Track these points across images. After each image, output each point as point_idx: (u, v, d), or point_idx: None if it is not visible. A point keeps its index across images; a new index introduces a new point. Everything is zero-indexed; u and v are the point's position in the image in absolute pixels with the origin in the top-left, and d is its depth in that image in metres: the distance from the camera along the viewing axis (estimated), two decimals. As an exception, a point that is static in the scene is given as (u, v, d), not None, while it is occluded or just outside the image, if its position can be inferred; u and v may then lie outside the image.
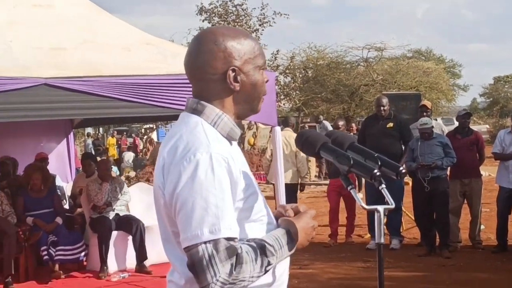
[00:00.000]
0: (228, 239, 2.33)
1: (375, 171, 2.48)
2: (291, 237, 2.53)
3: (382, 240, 2.52)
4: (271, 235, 2.50)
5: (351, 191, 2.56)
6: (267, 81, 2.67)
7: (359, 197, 2.66)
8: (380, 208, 2.50)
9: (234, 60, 2.54)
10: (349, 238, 11.91)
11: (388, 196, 2.50)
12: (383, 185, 2.50)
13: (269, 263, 2.42)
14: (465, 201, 11.01)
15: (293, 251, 2.54)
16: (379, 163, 2.57)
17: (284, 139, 11.23)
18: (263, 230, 2.56)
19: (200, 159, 2.36)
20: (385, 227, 11.41)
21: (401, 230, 11.64)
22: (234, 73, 2.54)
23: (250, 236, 2.50)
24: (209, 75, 2.55)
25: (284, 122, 13.10)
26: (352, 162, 2.51)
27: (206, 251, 2.30)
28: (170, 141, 2.51)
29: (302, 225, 2.58)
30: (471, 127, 11.39)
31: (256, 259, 2.38)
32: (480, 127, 38.46)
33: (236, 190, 2.45)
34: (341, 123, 12.61)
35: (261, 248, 2.41)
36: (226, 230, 2.33)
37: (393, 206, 2.53)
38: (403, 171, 2.60)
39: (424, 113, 11.28)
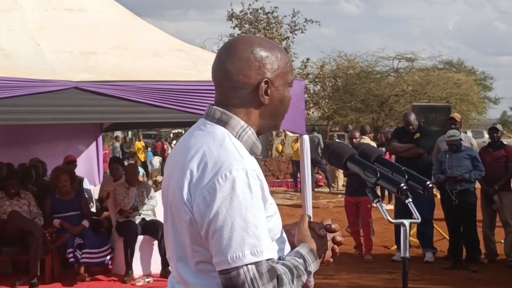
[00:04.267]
0: (269, 260, 2.26)
1: (402, 184, 2.46)
2: (315, 254, 2.47)
3: (407, 254, 2.49)
4: (298, 253, 2.44)
5: (377, 204, 2.54)
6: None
7: (387, 209, 2.64)
8: (406, 222, 2.47)
9: (268, 72, 2.46)
10: (368, 255, 11.43)
11: (414, 210, 2.48)
12: (410, 199, 2.47)
13: (302, 282, 2.38)
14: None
15: (316, 268, 2.49)
16: (406, 177, 2.55)
17: None
18: (279, 249, 2.50)
19: (237, 176, 2.27)
20: (417, 240, 11.35)
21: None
22: (266, 86, 2.46)
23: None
24: (240, 84, 2.45)
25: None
26: (379, 175, 2.49)
27: (248, 274, 2.22)
28: (196, 154, 2.37)
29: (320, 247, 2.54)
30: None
31: (293, 280, 2.32)
32: (510, 140, 38.15)
33: (267, 208, 2.37)
34: (357, 134, 12.46)
35: (295, 268, 2.36)
36: (267, 252, 2.25)
37: (419, 220, 2.50)
38: (430, 185, 2.57)
39: (453, 126, 11.20)
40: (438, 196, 10.94)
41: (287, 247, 2.57)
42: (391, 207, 12.14)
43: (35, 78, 7.01)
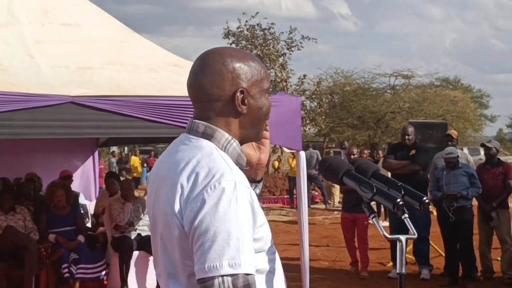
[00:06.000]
0: (247, 275, 2.22)
1: (398, 200, 2.45)
2: None
3: (404, 270, 2.47)
4: None
5: (373, 219, 2.52)
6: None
7: (383, 225, 2.62)
8: (403, 237, 2.45)
9: (242, 81, 2.45)
10: (364, 272, 11.41)
11: (410, 226, 2.46)
12: (406, 215, 2.46)
13: None
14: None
15: None
16: (403, 192, 2.54)
17: None
18: (268, 260, 2.49)
19: (226, 187, 2.26)
20: (413, 257, 11.32)
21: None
22: (242, 95, 2.45)
23: (260, 267, 2.41)
24: (215, 97, 2.45)
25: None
26: (375, 190, 2.48)
27: (223, 285, 2.18)
28: (186, 168, 2.36)
29: None
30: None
31: None
32: (506, 158, 38.17)
33: (256, 220, 2.36)
34: (355, 150, 12.50)
35: None
36: (245, 266, 2.22)
37: (415, 236, 2.49)
38: (427, 201, 2.56)
39: (449, 143, 11.19)
40: (435, 213, 10.93)
41: (277, 259, 2.56)
42: (386, 224, 12.11)
43: (31, 93, 6.98)
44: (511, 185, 10.67)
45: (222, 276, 2.19)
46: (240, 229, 2.24)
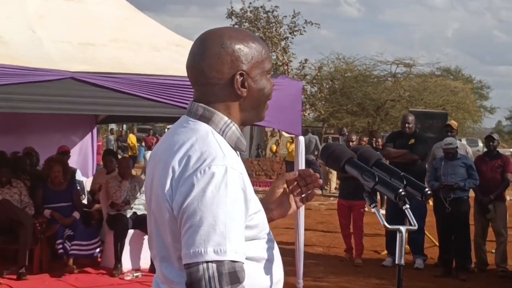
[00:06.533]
0: (233, 262, 2.17)
1: (400, 190, 2.41)
2: None
3: (402, 261, 2.44)
4: None
5: (374, 209, 2.49)
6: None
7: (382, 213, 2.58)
8: (403, 228, 2.41)
9: (242, 64, 2.40)
10: (358, 259, 11.38)
11: (411, 217, 2.42)
12: (407, 205, 2.43)
13: None
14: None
15: None
16: (405, 183, 2.51)
17: None
18: (265, 248, 2.46)
19: (216, 172, 2.21)
20: (408, 246, 11.32)
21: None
22: (242, 78, 2.40)
23: (255, 255, 2.39)
24: (214, 80, 2.40)
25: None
26: (377, 179, 2.45)
27: (207, 271, 2.14)
28: (179, 150, 2.33)
29: None
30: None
31: None
32: (504, 150, 38.19)
33: (249, 207, 2.31)
34: (354, 137, 12.42)
35: None
36: (231, 253, 2.16)
37: (415, 227, 2.44)
38: (429, 192, 2.52)
39: (449, 133, 11.16)
40: (431, 203, 10.91)
41: (275, 247, 2.54)
42: (382, 211, 12.10)
43: (31, 67, 6.95)
44: (509, 179, 10.65)
45: (207, 262, 2.14)
46: (229, 215, 2.19)
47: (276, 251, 2.54)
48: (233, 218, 2.20)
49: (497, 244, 10.82)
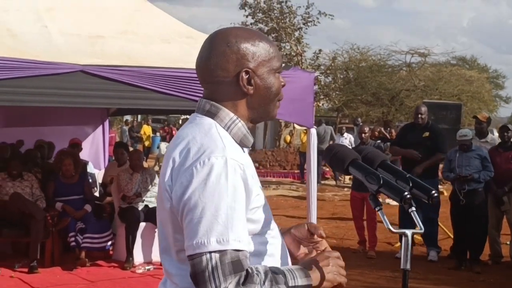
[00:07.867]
0: (237, 251, 2.18)
1: (406, 193, 2.34)
2: (306, 273, 2.38)
3: (408, 266, 2.38)
4: (284, 267, 2.39)
5: (379, 212, 2.42)
6: (283, 85, 2.54)
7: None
8: (408, 232, 2.35)
9: (248, 62, 2.42)
10: (371, 251, 11.34)
11: (417, 220, 2.36)
12: (413, 208, 2.36)
13: None
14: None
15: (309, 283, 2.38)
16: (411, 185, 2.44)
17: None
18: (269, 244, 2.47)
19: (215, 163, 2.23)
20: (421, 238, 11.25)
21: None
22: (247, 76, 2.42)
23: (257, 249, 2.40)
24: (221, 78, 2.43)
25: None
26: (382, 182, 2.39)
27: (210, 262, 2.15)
28: (181, 143, 2.37)
29: (330, 269, 2.46)
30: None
31: (265, 282, 2.22)
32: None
33: (250, 199, 2.32)
34: (366, 129, 12.30)
35: (273, 273, 2.26)
36: (234, 242, 2.18)
37: (422, 230, 2.39)
38: (435, 194, 2.45)
39: (477, 125, 11.13)
40: (445, 193, 10.81)
41: (280, 244, 2.54)
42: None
43: (41, 60, 6.92)
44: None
45: (210, 252, 2.16)
46: (230, 205, 2.21)
47: (278, 248, 2.54)
48: (234, 207, 2.22)
49: (511, 236, 10.73)
